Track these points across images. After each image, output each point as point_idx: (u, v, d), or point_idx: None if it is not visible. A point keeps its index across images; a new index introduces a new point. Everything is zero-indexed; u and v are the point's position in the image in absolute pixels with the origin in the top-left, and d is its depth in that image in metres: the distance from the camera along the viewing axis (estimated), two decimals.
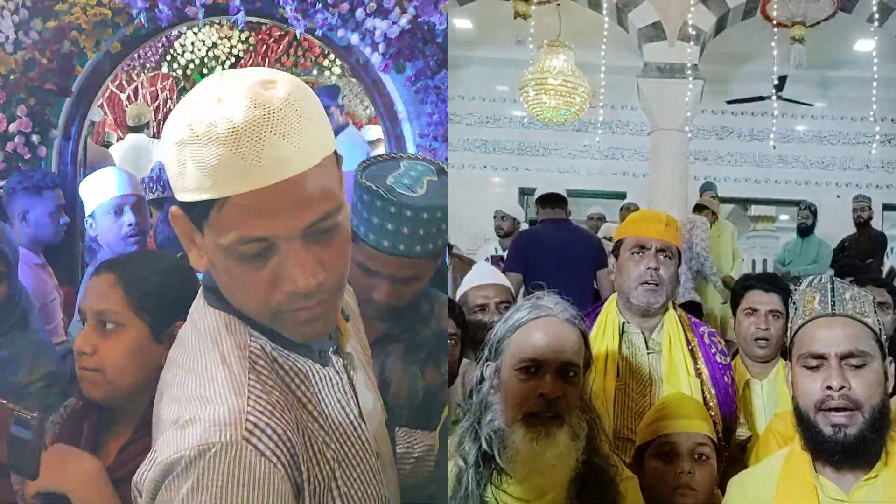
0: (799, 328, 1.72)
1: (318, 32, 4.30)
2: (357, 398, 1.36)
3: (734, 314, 3.02)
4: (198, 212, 1.15)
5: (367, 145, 5.54)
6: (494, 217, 6.42)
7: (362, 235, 1.93)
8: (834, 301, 1.69)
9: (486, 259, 5.68)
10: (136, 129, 6.45)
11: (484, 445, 1.67)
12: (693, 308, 4.57)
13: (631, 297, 2.41)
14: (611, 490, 1.71)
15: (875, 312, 1.73)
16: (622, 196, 8.74)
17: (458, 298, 3.11)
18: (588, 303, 4.64)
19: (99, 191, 3.21)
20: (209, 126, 1.09)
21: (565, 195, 5.19)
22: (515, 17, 7.16)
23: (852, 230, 7.31)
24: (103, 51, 4.14)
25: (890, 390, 1.69)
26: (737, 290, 3.02)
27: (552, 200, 5.12)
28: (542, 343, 1.65)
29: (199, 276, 1.32)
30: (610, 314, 2.48)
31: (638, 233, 2.46)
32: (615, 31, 7.53)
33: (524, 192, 9.55)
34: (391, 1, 4.17)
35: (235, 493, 1.08)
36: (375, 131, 6.14)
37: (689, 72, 7.20)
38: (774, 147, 8.40)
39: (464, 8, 7.96)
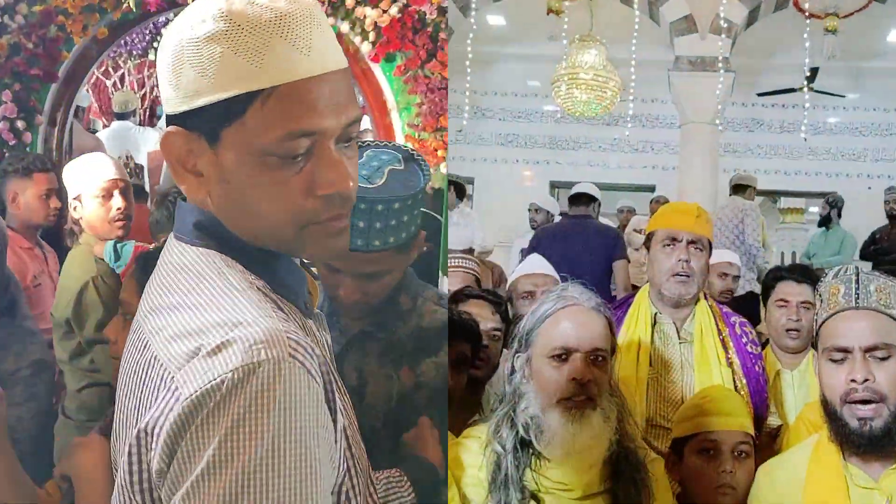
0: (824, 321, 1.74)
1: None
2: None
3: (765, 305, 3.05)
4: (215, 120, 1.07)
5: None
6: (529, 210, 6.42)
7: None
8: (858, 294, 1.70)
9: (520, 251, 5.74)
10: (123, 116, 6.38)
11: (521, 432, 1.72)
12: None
13: (663, 288, 2.44)
14: (640, 471, 1.77)
15: None
16: (652, 189, 8.74)
17: (508, 286, 3.33)
18: (602, 294, 4.80)
19: (87, 174, 3.12)
20: (252, 14, 1.04)
21: (596, 194, 5.34)
22: (548, 13, 7.19)
23: (884, 222, 7.24)
24: (90, 36, 4.07)
25: None
26: (767, 282, 3.03)
27: (579, 198, 5.29)
28: (571, 331, 1.71)
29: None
30: (642, 304, 2.51)
31: (669, 225, 2.49)
32: (647, 25, 7.52)
33: (555, 186, 9.57)
34: None
35: (294, 410, 0.98)
36: (364, 121, 6.11)
37: (720, 65, 7.18)
38: (806, 139, 8.35)
39: (497, 5, 8.00)
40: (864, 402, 1.65)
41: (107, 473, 1.56)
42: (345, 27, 4.26)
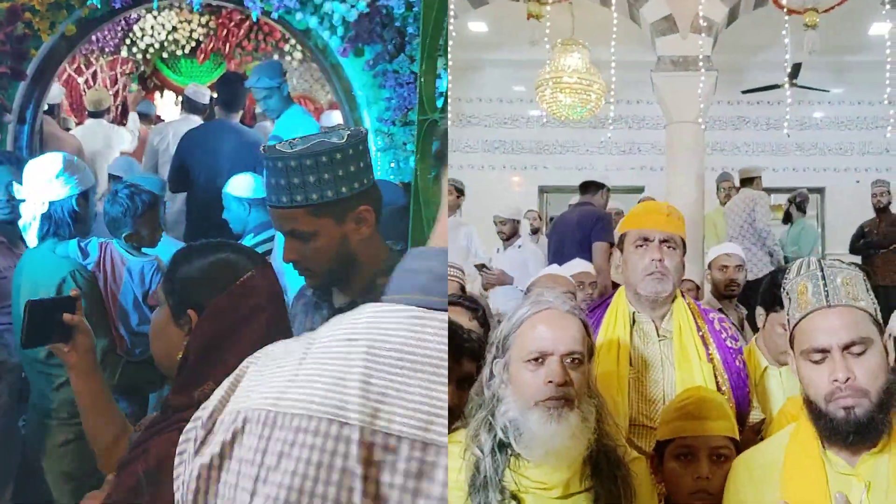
0: (797, 322, 1.72)
1: (275, 15, 4.22)
2: None
3: (766, 311, 2.97)
4: None
5: (311, 119, 5.16)
6: (494, 223, 6.23)
7: (270, 202, 2.06)
8: (827, 291, 1.68)
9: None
10: (96, 114, 6.32)
11: (500, 435, 1.72)
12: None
13: (638, 288, 2.42)
14: (621, 469, 1.77)
15: (868, 291, 1.73)
16: (640, 190, 8.72)
17: (526, 287, 3.53)
18: None
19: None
20: None
21: (602, 181, 5.96)
22: (528, 18, 7.17)
23: (871, 215, 7.24)
24: (59, 33, 4.06)
25: (892, 364, 1.70)
26: (777, 296, 2.90)
27: (586, 187, 5.90)
28: (546, 334, 1.71)
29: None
30: (620, 304, 2.48)
31: (640, 225, 2.47)
32: (628, 27, 7.51)
33: (544, 191, 9.55)
34: None
35: None
36: (336, 116, 6.03)
37: (701, 64, 7.16)
38: (788, 135, 8.35)
39: (478, 11, 7.98)
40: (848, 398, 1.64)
41: None
42: (313, 22, 4.25)
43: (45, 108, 5.04)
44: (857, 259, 6.97)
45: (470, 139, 9.42)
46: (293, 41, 6.37)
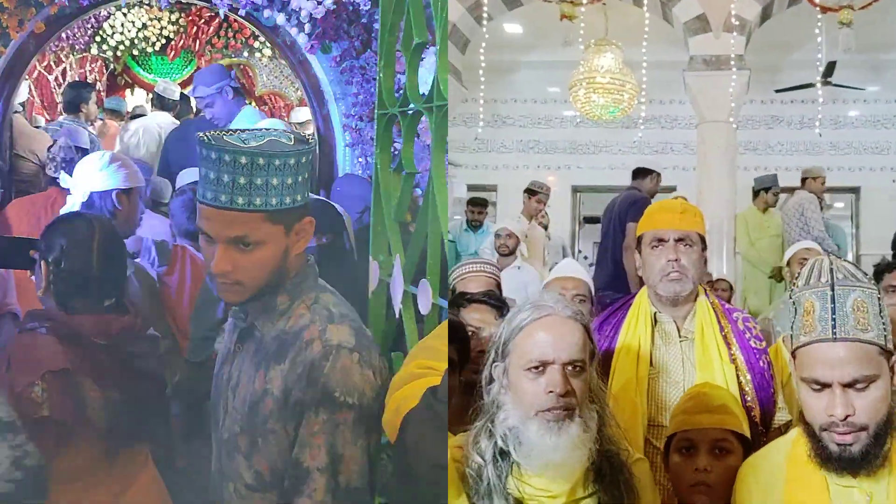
0: (801, 345, 1.63)
1: (242, 12, 4.21)
2: None
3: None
4: None
5: (261, 117, 5.15)
6: (497, 234, 5.86)
7: (199, 196, 1.83)
8: (835, 320, 1.58)
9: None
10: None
11: (500, 443, 1.69)
12: None
13: (658, 289, 2.39)
14: (623, 473, 1.73)
15: (881, 313, 1.62)
16: (672, 190, 8.60)
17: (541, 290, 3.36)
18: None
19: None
20: None
21: (652, 167, 6.22)
22: (562, 19, 7.12)
23: None
24: (27, 31, 4.03)
25: None
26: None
27: (636, 173, 6.15)
28: (547, 342, 1.66)
29: None
30: (642, 304, 2.45)
31: (655, 226, 2.43)
32: (660, 27, 7.43)
33: (577, 190, 9.48)
34: None
35: None
36: (305, 113, 6.00)
37: (734, 63, 7.06)
38: (821, 135, 8.17)
39: (513, 13, 7.95)
40: (844, 433, 1.59)
41: None
42: (281, 19, 4.26)
43: (18, 109, 5.01)
44: None
45: (505, 139, 9.38)
46: (262, 38, 6.37)
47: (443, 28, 2.05)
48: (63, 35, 5.85)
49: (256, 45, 7.06)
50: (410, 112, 2.29)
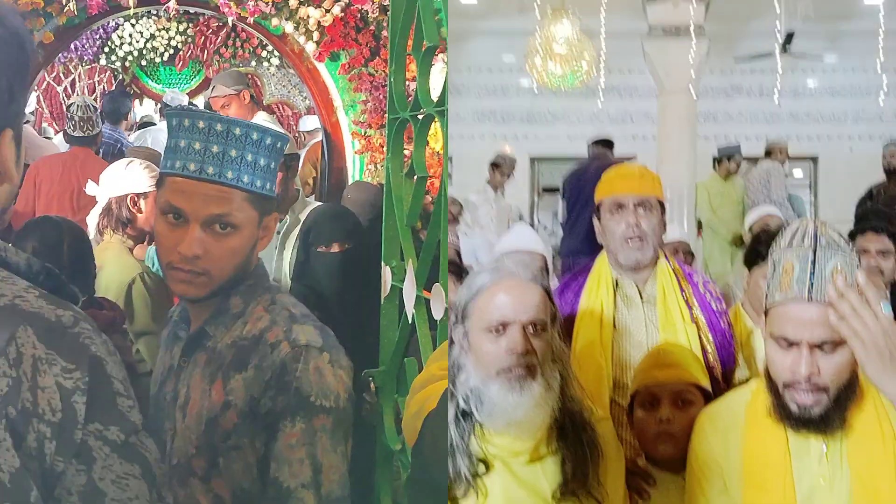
0: (775, 304, 1.64)
1: (251, 20, 4.27)
2: None
3: (749, 269, 2.98)
4: None
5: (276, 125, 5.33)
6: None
7: (166, 168, 1.70)
8: (813, 283, 1.59)
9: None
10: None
11: (461, 404, 1.71)
12: None
13: (619, 256, 2.41)
14: (586, 431, 1.76)
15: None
16: (632, 159, 8.67)
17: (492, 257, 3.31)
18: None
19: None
20: None
21: (611, 138, 6.36)
22: None
23: (865, 183, 7.19)
24: (36, 41, 4.07)
25: None
26: (759, 251, 2.90)
27: (601, 143, 6.28)
28: (507, 303, 1.68)
29: None
30: (603, 269, 2.47)
31: (613, 191, 2.45)
32: None
33: (535, 161, 9.52)
34: None
35: None
36: (313, 121, 6.10)
37: (693, 32, 7.12)
38: (780, 104, 8.30)
39: None
40: (806, 391, 1.62)
41: None
42: (289, 27, 4.34)
43: (29, 119, 5.02)
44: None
45: (460, 109, 9.37)
46: (270, 47, 6.48)
47: (416, 39, 2.09)
48: (72, 46, 5.97)
49: (264, 54, 7.18)
50: (422, 116, 2.30)
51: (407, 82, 2.63)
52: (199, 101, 7.84)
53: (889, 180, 6.95)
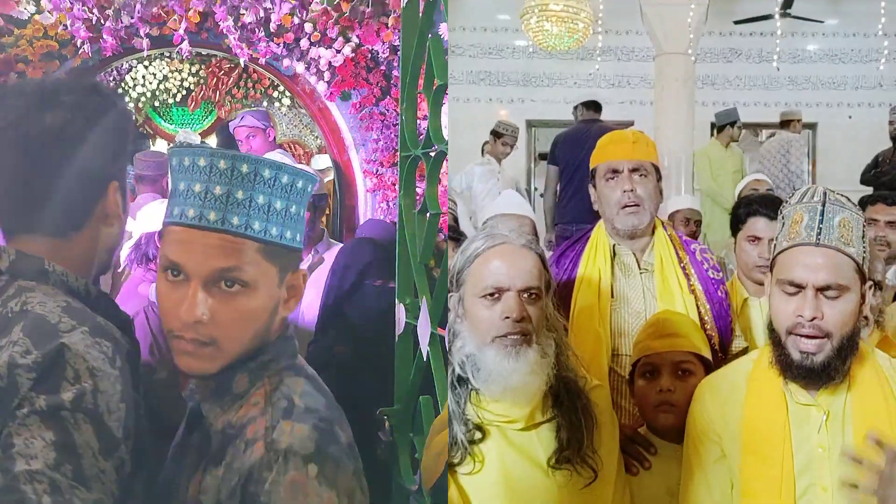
0: (783, 250, 1.74)
1: (262, 61, 4.34)
2: None
3: (734, 235, 3.05)
4: None
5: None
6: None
7: (167, 217, 1.45)
8: (821, 229, 1.70)
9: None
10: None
11: (458, 370, 1.76)
12: None
13: (615, 222, 2.46)
14: (581, 398, 1.82)
15: (863, 238, 1.74)
16: (630, 125, 8.69)
17: (479, 225, 3.35)
18: None
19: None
20: None
21: (601, 101, 6.32)
22: None
23: (864, 151, 7.21)
24: None
25: (866, 313, 1.75)
26: (738, 214, 3.01)
27: (588, 105, 6.25)
28: (502, 269, 1.73)
29: None
30: (600, 237, 2.52)
31: (608, 157, 2.49)
32: None
33: (532, 125, 9.50)
34: (334, 30, 4.27)
35: None
36: (325, 160, 6.20)
37: None
38: (778, 69, 8.30)
39: None
40: (810, 336, 1.69)
41: None
42: (300, 68, 4.42)
43: None
44: (869, 190, 6.95)
45: (454, 70, 9.32)
46: (281, 87, 6.61)
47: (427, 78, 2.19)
48: None
49: (276, 94, 7.39)
50: (434, 153, 2.33)
51: (418, 120, 2.68)
52: (212, 141, 8.04)
53: (895, 147, 6.97)
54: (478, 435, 1.74)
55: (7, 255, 1.42)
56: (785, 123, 7.20)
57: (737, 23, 8.64)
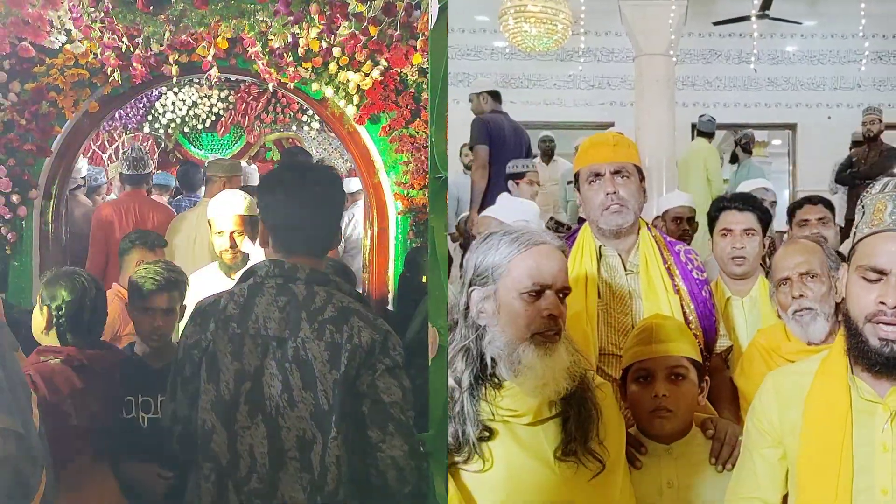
0: (864, 237, 1.72)
1: (291, 86, 4.42)
2: None
3: (711, 235, 3.18)
4: None
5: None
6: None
7: None
8: None
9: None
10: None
11: (489, 366, 1.85)
12: None
13: (599, 223, 2.53)
14: (588, 392, 1.91)
15: None
16: (611, 126, 8.80)
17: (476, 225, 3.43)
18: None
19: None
20: None
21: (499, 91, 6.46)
22: None
23: (843, 151, 7.37)
24: (82, 111, 4.35)
25: None
26: (711, 213, 3.17)
27: (496, 97, 6.38)
28: (546, 269, 1.85)
29: None
30: (586, 239, 2.59)
31: (589, 161, 2.56)
32: None
33: None
34: (363, 54, 4.32)
35: None
36: (355, 183, 6.30)
37: None
38: (756, 70, 8.43)
39: None
40: (891, 324, 1.66)
41: None
42: (329, 92, 4.50)
43: (80, 183, 5.58)
44: (844, 190, 7.10)
45: None
46: (310, 111, 6.79)
47: None
48: (116, 114, 6.34)
49: (304, 118, 7.51)
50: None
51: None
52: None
53: (868, 147, 7.14)
54: (486, 433, 1.83)
55: (303, 269, 2.11)
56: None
57: (716, 24, 8.79)
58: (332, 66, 4.39)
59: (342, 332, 2.02)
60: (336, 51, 4.30)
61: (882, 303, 1.65)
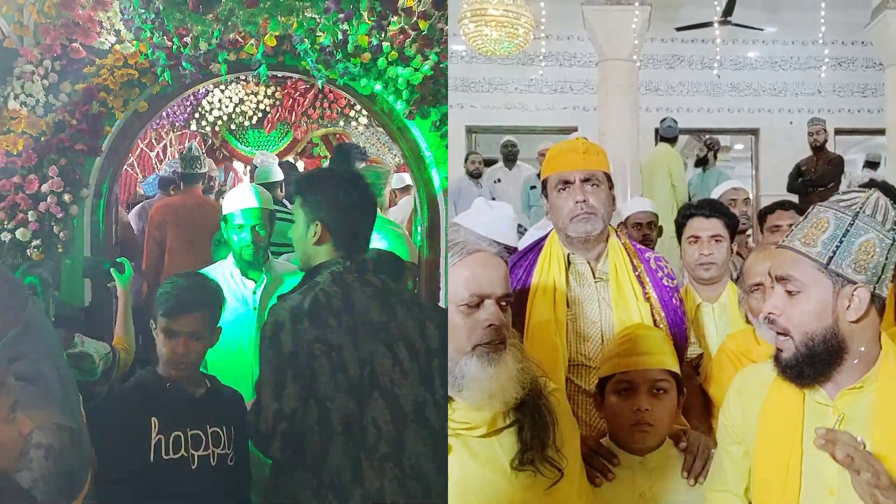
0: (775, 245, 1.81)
1: (340, 82, 4.42)
2: None
3: (679, 243, 3.20)
4: None
5: None
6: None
7: None
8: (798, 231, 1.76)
9: None
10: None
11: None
12: None
13: (568, 230, 2.50)
14: (542, 398, 1.86)
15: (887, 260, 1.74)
16: (573, 131, 8.83)
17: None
18: None
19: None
20: None
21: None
22: None
23: (807, 154, 7.48)
24: (131, 110, 4.43)
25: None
26: (679, 220, 3.19)
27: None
28: (483, 278, 1.78)
29: None
30: (554, 247, 2.56)
31: (559, 168, 2.53)
32: None
33: (472, 131, 9.58)
34: (412, 48, 4.29)
35: None
36: (405, 178, 6.30)
37: None
38: (719, 76, 8.51)
39: None
40: (779, 333, 1.74)
41: None
42: (378, 87, 4.49)
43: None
44: (795, 198, 7.20)
45: None
46: (358, 107, 6.84)
47: None
48: (164, 113, 6.34)
49: (352, 113, 7.50)
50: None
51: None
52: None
53: (816, 156, 7.29)
54: None
55: (369, 263, 2.37)
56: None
57: (679, 29, 8.87)
58: (382, 62, 4.37)
59: (416, 312, 2.33)
60: (385, 46, 4.28)
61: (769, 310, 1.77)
